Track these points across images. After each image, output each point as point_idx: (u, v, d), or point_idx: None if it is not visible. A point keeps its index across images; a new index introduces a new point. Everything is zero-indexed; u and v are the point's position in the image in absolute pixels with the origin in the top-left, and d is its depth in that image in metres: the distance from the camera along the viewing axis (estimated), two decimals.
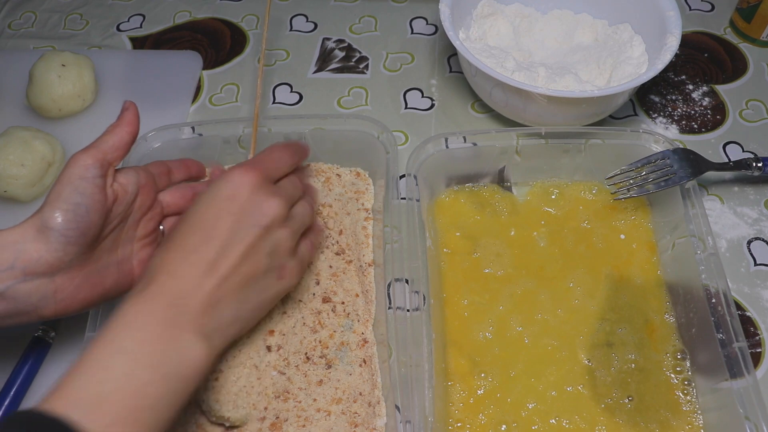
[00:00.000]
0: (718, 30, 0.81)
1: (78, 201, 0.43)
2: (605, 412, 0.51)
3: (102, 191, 0.44)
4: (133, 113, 0.48)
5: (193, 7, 0.84)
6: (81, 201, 0.43)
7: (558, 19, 0.74)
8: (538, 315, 0.56)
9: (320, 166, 0.65)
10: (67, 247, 0.43)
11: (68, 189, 0.43)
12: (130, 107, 0.48)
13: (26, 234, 0.42)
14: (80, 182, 0.43)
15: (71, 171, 0.44)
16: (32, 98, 0.68)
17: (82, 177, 0.44)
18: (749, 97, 0.73)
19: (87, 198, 0.43)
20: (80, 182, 0.43)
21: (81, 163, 0.44)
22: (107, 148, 0.45)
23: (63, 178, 0.44)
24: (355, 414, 0.51)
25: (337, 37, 0.81)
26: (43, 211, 0.43)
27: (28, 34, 0.82)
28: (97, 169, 0.44)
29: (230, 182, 0.44)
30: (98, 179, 0.44)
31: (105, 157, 0.45)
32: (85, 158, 0.44)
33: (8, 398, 0.52)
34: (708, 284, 0.52)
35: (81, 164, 0.44)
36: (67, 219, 0.43)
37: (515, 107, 0.64)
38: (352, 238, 0.60)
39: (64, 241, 0.43)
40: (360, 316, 0.55)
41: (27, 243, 0.42)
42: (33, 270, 0.42)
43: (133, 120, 0.48)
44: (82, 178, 0.44)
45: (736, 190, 0.66)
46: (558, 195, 0.63)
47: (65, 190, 0.43)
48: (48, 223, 0.42)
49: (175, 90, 0.74)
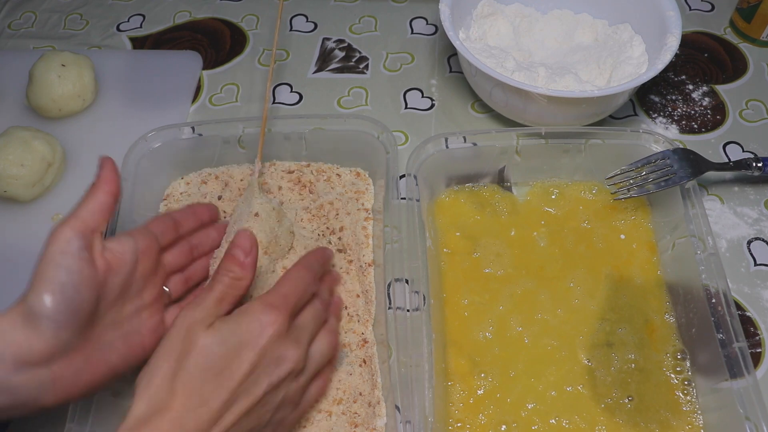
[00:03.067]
0: (718, 30, 0.81)
1: (64, 280, 0.39)
2: (605, 412, 0.51)
3: (90, 264, 0.40)
4: (109, 170, 0.44)
5: (193, 7, 0.84)
6: (67, 279, 0.39)
7: (558, 19, 0.74)
8: (538, 315, 0.56)
9: (320, 166, 0.65)
10: (59, 333, 0.39)
11: (51, 268, 0.39)
12: (105, 164, 0.44)
13: (12, 322, 0.38)
14: (63, 258, 0.39)
15: (53, 247, 0.39)
16: (32, 98, 0.68)
17: (64, 252, 0.39)
18: (749, 97, 0.73)
19: (74, 275, 0.39)
20: (63, 258, 0.39)
21: (61, 237, 0.39)
22: (87, 216, 0.41)
23: (45, 257, 0.39)
24: (355, 414, 0.51)
25: (337, 37, 0.81)
26: (28, 297, 0.39)
27: (28, 34, 0.82)
28: (80, 240, 0.40)
29: (253, 324, 0.42)
30: (83, 252, 0.40)
31: (86, 226, 0.40)
32: (64, 231, 0.40)
33: None
34: (708, 284, 0.52)
35: (61, 238, 0.39)
36: (56, 302, 0.38)
37: (515, 107, 0.64)
38: (353, 237, 0.60)
39: (54, 327, 0.38)
40: (360, 316, 0.55)
41: (15, 331, 0.38)
42: (25, 360, 0.38)
43: (112, 178, 0.43)
44: (64, 254, 0.39)
45: (736, 190, 0.66)
46: (558, 195, 0.63)
47: (48, 270, 0.39)
48: (35, 309, 0.38)
49: (175, 90, 0.74)
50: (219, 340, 0.41)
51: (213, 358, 0.40)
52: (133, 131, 0.63)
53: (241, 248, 0.44)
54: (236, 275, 0.43)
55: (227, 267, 0.44)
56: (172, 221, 0.50)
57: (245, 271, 0.44)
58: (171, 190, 0.64)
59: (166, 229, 0.49)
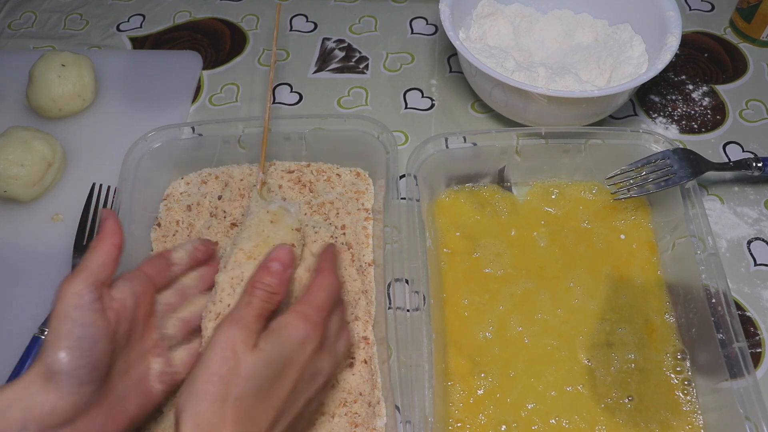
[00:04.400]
0: (718, 30, 0.81)
1: (80, 334, 0.38)
2: (605, 412, 0.51)
3: (102, 316, 0.40)
4: (113, 223, 0.44)
5: (193, 7, 0.84)
6: (83, 333, 0.39)
7: (558, 19, 0.74)
8: (538, 315, 0.56)
9: (320, 166, 0.65)
10: (81, 389, 0.38)
11: (67, 324, 0.38)
12: (108, 217, 0.44)
13: (32, 386, 0.38)
14: (77, 313, 0.39)
15: (65, 302, 0.39)
16: (32, 98, 0.68)
17: (78, 306, 0.39)
18: (749, 97, 0.73)
19: (89, 328, 0.39)
20: (77, 313, 0.39)
21: (73, 291, 0.39)
22: (96, 269, 0.41)
23: (59, 313, 0.39)
24: (356, 414, 0.51)
25: (337, 37, 0.81)
26: (45, 355, 0.38)
27: (28, 34, 0.82)
28: (92, 293, 0.40)
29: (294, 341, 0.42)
30: (95, 303, 0.40)
31: (96, 278, 0.40)
32: (76, 285, 0.40)
33: None
34: (708, 284, 0.52)
35: (73, 292, 0.39)
36: (74, 357, 0.38)
37: (515, 107, 0.64)
38: (353, 237, 0.60)
39: (76, 383, 0.38)
40: (360, 316, 0.55)
41: (35, 396, 0.37)
42: (49, 424, 0.37)
43: (115, 230, 0.43)
44: (78, 308, 0.39)
45: (736, 190, 0.66)
46: (558, 195, 0.63)
47: (64, 326, 0.38)
48: (54, 367, 0.38)
49: (175, 90, 0.74)
50: (265, 362, 0.40)
51: (261, 381, 0.40)
52: (133, 131, 0.63)
53: (279, 261, 0.43)
54: (273, 289, 0.42)
55: (263, 280, 0.42)
56: (165, 262, 0.49)
57: (282, 286, 0.43)
58: (171, 190, 0.64)
59: (160, 271, 0.48)
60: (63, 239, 0.62)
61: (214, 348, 0.40)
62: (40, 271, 0.61)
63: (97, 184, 0.65)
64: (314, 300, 0.44)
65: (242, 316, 0.41)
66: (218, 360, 0.39)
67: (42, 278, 0.60)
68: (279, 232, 0.51)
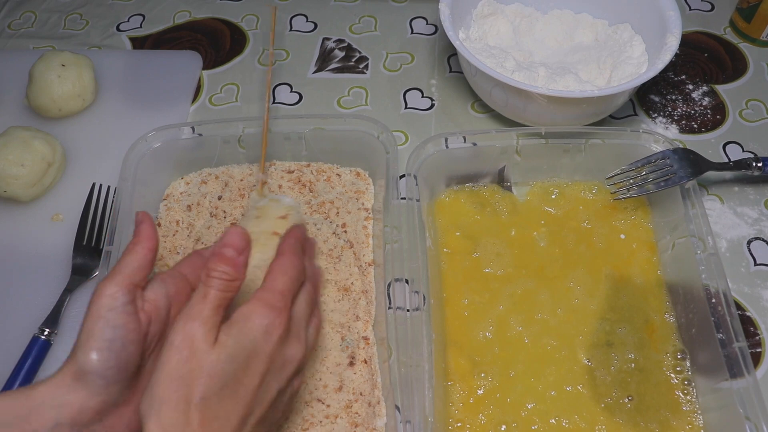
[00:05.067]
0: (718, 30, 0.81)
1: (111, 336, 0.39)
2: (605, 412, 0.51)
3: (135, 318, 0.40)
4: (148, 227, 0.43)
5: (193, 7, 0.84)
6: (115, 335, 0.39)
7: (558, 19, 0.74)
8: (538, 315, 0.56)
9: (320, 166, 0.65)
10: (110, 388, 0.39)
11: (100, 324, 0.39)
12: (144, 219, 0.44)
13: (62, 385, 0.38)
14: (110, 314, 0.39)
15: (99, 303, 0.39)
16: (32, 98, 0.68)
17: (111, 308, 0.39)
18: (749, 97, 0.73)
19: (120, 330, 0.39)
20: (110, 314, 0.39)
21: (107, 293, 0.40)
22: (131, 272, 0.41)
23: (92, 314, 0.39)
24: (356, 414, 0.51)
25: (337, 37, 0.81)
26: (76, 355, 0.39)
27: (27, 34, 0.82)
28: (126, 296, 0.40)
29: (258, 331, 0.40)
30: (128, 306, 0.40)
31: (131, 281, 0.41)
32: (110, 287, 0.40)
33: None
34: (708, 284, 0.52)
35: (107, 294, 0.39)
36: (104, 358, 0.38)
37: (515, 107, 0.64)
38: (354, 236, 0.60)
39: (104, 384, 0.38)
40: (360, 316, 0.55)
41: (66, 395, 0.38)
42: (79, 421, 0.38)
43: (151, 234, 0.43)
44: (111, 310, 0.39)
45: (736, 190, 0.66)
46: (558, 195, 0.63)
47: (96, 326, 0.39)
48: (85, 367, 0.38)
49: (175, 90, 0.74)
50: (228, 357, 0.38)
51: (226, 377, 0.38)
52: (133, 131, 0.63)
53: (232, 246, 0.41)
54: (229, 276, 0.40)
55: (218, 268, 0.40)
56: (201, 260, 0.47)
57: (238, 271, 0.41)
58: (171, 190, 0.64)
59: (196, 269, 0.47)
60: (63, 239, 0.62)
61: (171, 348, 0.38)
62: (40, 271, 0.61)
63: (97, 184, 0.65)
64: (276, 285, 0.42)
65: (198, 310, 0.39)
66: (177, 361, 0.38)
67: (42, 278, 0.60)
68: (263, 224, 0.49)
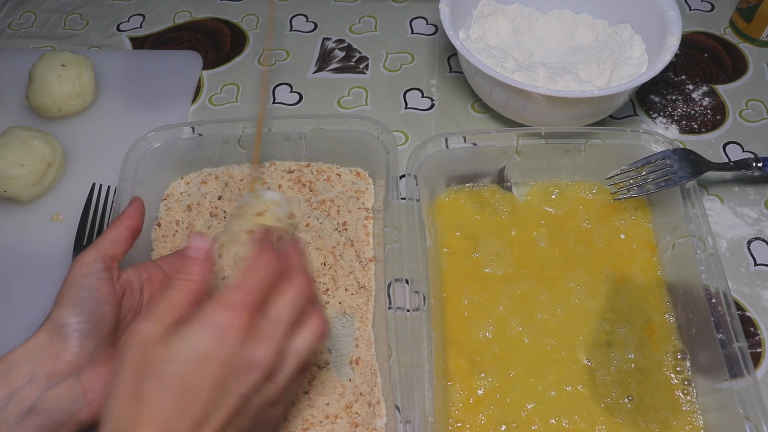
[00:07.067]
0: (718, 30, 0.81)
1: (83, 295, 0.42)
2: (605, 412, 0.51)
3: (109, 283, 0.43)
4: (135, 207, 0.47)
5: (193, 7, 0.84)
6: (87, 294, 0.42)
7: (558, 19, 0.74)
8: (538, 315, 0.56)
9: (320, 166, 0.65)
10: (84, 341, 0.42)
11: (72, 288, 0.43)
12: (135, 201, 0.48)
13: (39, 341, 0.41)
14: (85, 279, 0.43)
15: (75, 272, 0.43)
16: (32, 98, 0.68)
17: (87, 275, 0.43)
18: (749, 97, 0.73)
19: (93, 291, 0.43)
20: (85, 279, 0.43)
21: (83, 261, 0.43)
22: (107, 244, 0.45)
23: (68, 280, 0.43)
24: (356, 414, 0.51)
25: (337, 37, 0.81)
26: (51, 314, 0.42)
27: (27, 34, 0.82)
28: (99, 263, 0.44)
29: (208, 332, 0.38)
30: (102, 272, 0.43)
31: (106, 252, 0.44)
32: (86, 257, 0.44)
33: None
34: (708, 284, 0.52)
35: (83, 263, 0.43)
36: (76, 312, 0.42)
37: (515, 107, 0.64)
38: (354, 235, 0.60)
39: (78, 336, 0.41)
40: (360, 314, 0.55)
41: (42, 349, 0.41)
42: (55, 372, 0.41)
43: (134, 214, 0.47)
44: (86, 276, 0.43)
45: (736, 190, 0.66)
46: (558, 195, 0.63)
47: (71, 289, 0.43)
48: (58, 320, 0.42)
49: (175, 90, 0.74)
50: (175, 357, 0.37)
51: (173, 378, 0.37)
52: (133, 131, 0.63)
53: (193, 248, 0.41)
54: (188, 276, 0.40)
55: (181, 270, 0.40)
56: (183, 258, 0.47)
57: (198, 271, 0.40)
58: (171, 190, 0.64)
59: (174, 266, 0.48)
60: (63, 239, 0.62)
61: (126, 347, 0.39)
62: (40, 271, 0.61)
63: (97, 184, 0.65)
64: (243, 285, 0.40)
65: (153, 309, 0.39)
66: (129, 358, 0.38)
67: (42, 278, 0.60)
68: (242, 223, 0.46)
